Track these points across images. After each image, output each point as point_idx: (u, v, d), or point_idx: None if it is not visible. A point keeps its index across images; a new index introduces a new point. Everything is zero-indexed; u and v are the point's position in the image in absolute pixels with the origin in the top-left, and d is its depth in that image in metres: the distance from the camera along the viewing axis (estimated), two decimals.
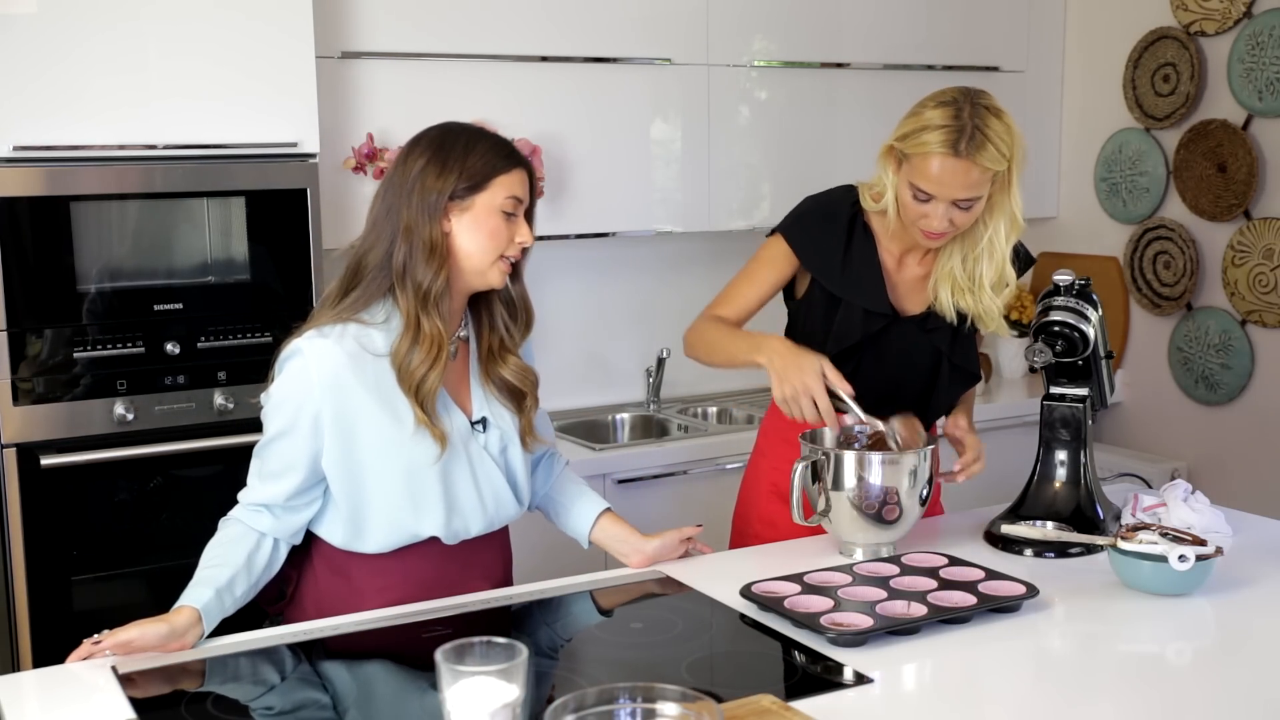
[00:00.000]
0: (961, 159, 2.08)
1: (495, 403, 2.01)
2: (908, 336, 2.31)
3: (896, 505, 2.10)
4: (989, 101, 2.14)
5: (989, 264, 2.22)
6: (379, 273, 1.90)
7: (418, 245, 1.88)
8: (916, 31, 3.89)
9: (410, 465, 1.90)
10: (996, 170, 2.11)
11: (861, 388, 2.18)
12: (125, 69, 2.68)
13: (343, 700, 1.67)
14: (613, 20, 3.45)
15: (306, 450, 1.89)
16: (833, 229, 2.29)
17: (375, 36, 3.14)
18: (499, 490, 2.00)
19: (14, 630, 2.70)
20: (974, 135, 2.08)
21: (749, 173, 3.70)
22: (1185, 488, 2.27)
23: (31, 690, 1.73)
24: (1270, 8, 3.56)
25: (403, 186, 1.90)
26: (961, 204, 2.12)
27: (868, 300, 2.27)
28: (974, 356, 2.37)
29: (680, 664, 1.74)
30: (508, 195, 1.90)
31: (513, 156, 1.93)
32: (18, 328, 2.63)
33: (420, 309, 1.88)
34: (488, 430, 1.99)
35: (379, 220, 1.92)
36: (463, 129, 1.95)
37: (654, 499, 3.31)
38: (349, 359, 1.87)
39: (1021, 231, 2.23)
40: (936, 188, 2.11)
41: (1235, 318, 3.73)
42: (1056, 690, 1.68)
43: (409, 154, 1.92)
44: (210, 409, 2.82)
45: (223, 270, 2.84)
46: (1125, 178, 4.01)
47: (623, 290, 3.85)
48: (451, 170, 1.88)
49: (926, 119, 2.12)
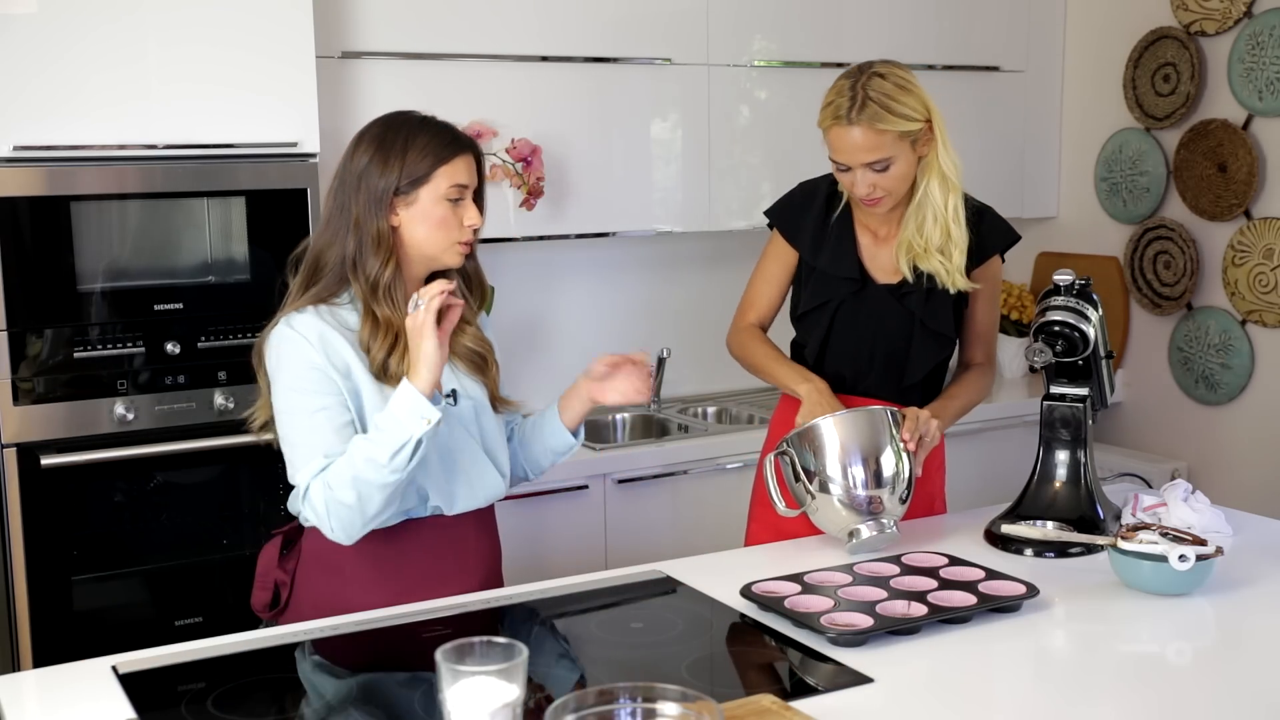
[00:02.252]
0: (850, 125, 2.23)
1: (462, 374, 2.06)
2: (880, 301, 2.40)
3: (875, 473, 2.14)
4: (885, 69, 2.27)
5: (934, 223, 2.32)
6: (336, 266, 1.98)
7: (366, 239, 1.95)
8: (916, 31, 3.89)
9: None
10: (891, 130, 2.22)
11: (836, 351, 2.42)
12: (125, 68, 2.68)
13: (343, 700, 1.67)
14: (613, 20, 3.45)
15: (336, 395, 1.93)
16: (812, 205, 2.45)
17: (375, 36, 3.14)
18: (478, 461, 2.04)
19: (14, 630, 2.70)
20: (864, 104, 2.22)
21: (749, 173, 3.70)
22: (1185, 488, 2.27)
23: (31, 690, 1.73)
24: (1270, 7, 3.56)
25: (350, 182, 1.97)
26: (875, 167, 2.25)
27: (839, 267, 2.40)
28: (948, 322, 2.40)
29: (680, 664, 1.74)
30: (451, 184, 1.97)
31: (454, 144, 1.98)
32: (18, 328, 2.63)
33: (372, 298, 1.95)
34: (459, 402, 2.02)
35: (332, 216, 2.00)
36: (403, 121, 1.99)
37: (654, 499, 3.31)
38: (330, 329, 1.95)
39: (957, 190, 2.32)
40: (842, 155, 2.27)
41: (1235, 317, 3.73)
42: (1056, 690, 1.68)
43: (354, 150, 1.99)
44: (210, 409, 2.82)
45: (223, 270, 2.84)
46: (1125, 178, 4.01)
47: (623, 290, 3.85)
48: (393, 167, 1.94)
49: (826, 97, 2.30)
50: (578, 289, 3.78)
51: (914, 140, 2.27)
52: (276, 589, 2.05)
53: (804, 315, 2.46)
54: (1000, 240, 2.43)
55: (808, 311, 2.44)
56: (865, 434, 2.17)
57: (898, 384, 2.41)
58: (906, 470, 2.18)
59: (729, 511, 3.13)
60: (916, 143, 2.27)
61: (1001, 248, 2.43)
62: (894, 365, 2.42)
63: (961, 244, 2.33)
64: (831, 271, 2.40)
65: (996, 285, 2.48)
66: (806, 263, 2.45)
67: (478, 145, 2.04)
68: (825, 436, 2.17)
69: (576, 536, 3.22)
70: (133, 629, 2.77)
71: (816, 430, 2.17)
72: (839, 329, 2.42)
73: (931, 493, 2.50)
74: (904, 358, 2.41)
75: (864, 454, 2.16)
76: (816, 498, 2.17)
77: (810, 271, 2.44)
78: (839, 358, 2.44)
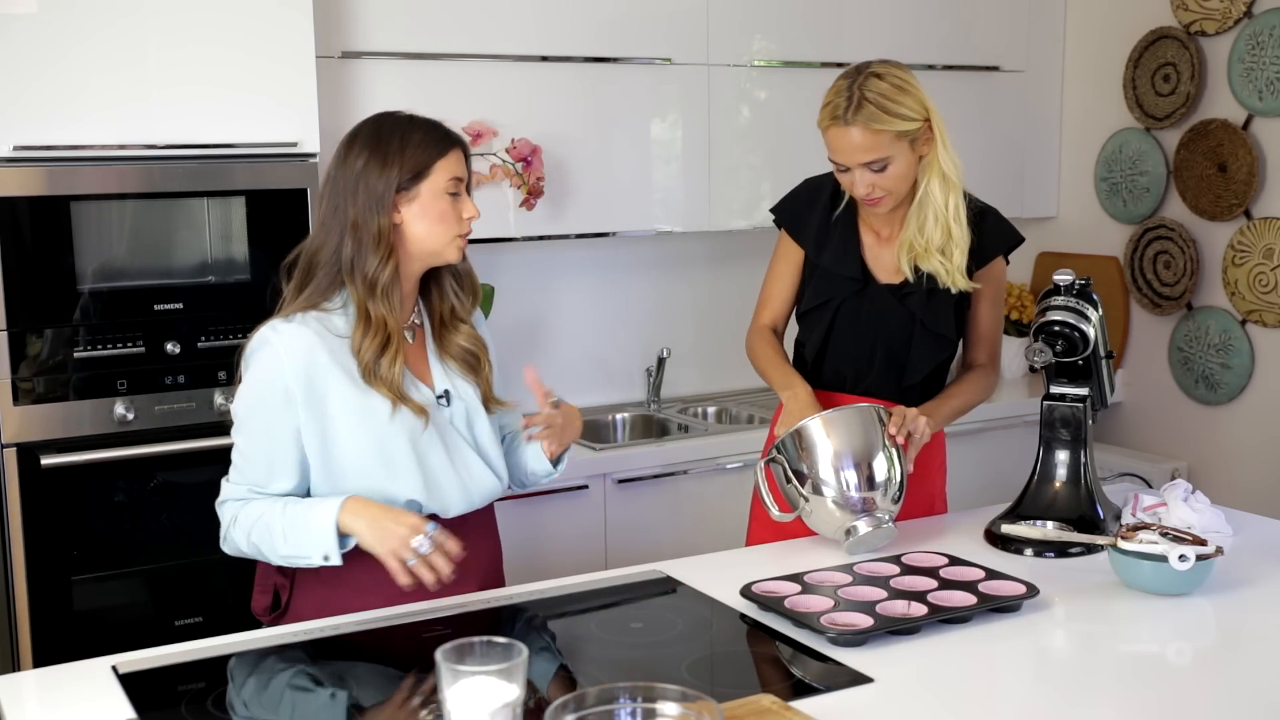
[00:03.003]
0: (847, 125, 2.24)
1: (455, 375, 2.07)
2: (881, 301, 2.40)
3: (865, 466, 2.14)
4: (883, 69, 2.27)
5: (935, 223, 2.32)
6: (330, 268, 1.98)
7: (366, 239, 1.95)
8: (917, 31, 3.89)
9: (381, 434, 1.95)
10: (888, 130, 2.22)
11: (838, 349, 2.43)
12: (125, 69, 2.68)
13: (343, 700, 1.67)
14: (613, 20, 3.45)
15: (289, 429, 1.93)
16: (817, 202, 2.46)
17: (375, 36, 3.14)
18: (471, 464, 2.04)
19: (14, 630, 2.70)
20: (861, 104, 2.23)
21: (749, 173, 3.70)
22: (1185, 488, 2.27)
23: (31, 690, 1.73)
24: (1270, 7, 3.56)
25: (346, 185, 1.97)
26: (873, 166, 2.26)
27: (841, 265, 2.40)
28: (949, 323, 2.39)
29: (680, 664, 1.74)
30: (450, 177, 1.98)
31: (448, 138, 2.01)
32: (18, 328, 2.63)
33: (369, 298, 1.95)
34: (452, 404, 2.03)
35: (326, 219, 1.99)
36: (394, 120, 2.01)
37: (654, 499, 3.31)
38: (317, 337, 1.94)
39: (957, 189, 2.32)
40: (840, 155, 2.28)
41: (1235, 317, 3.73)
42: (1056, 690, 1.68)
43: (348, 152, 1.99)
44: (210, 409, 2.82)
45: (223, 270, 2.84)
46: (1125, 177, 4.01)
47: (623, 290, 3.85)
48: (393, 164, 1.95)
49: (824, 98, 2.30)
50: (578, 289, 3.78)
51: (912, 140, 2.26)
52: (276, 592, 2.05)
53: (806, 313, 2.46)
54: (1003, 241, 2.42)
55: (809, 310, 2.45)
56: (855, 433, 2.17)
57: (898, 384, 2.41)
58: (898, 469, 2.18)
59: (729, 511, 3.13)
60: (915, 142, 2.27)
61: (1005, 249, 2.43)
62: (894, 365, 2.41)
63: (963, 243, 2.33)
64: (834, 270, 2.41)
65: (1000, 287, 2.47)
66: (810, 260, 2.46)
67: (465, 139, 2.06)
68: (814, 437, 2.17)
69: (576, 536, 3.22)
70: (133, 629, 2.77)
71: (806, 431, 2.18)
72: (840, 327, 2.42)
73: (932, 493, 2.50)
74: (904, 358, 2.41)
75: (854, 453, 2.16)
76: (810, 500, 2.17)
77: (814, 269, 2.45)
78: (840, 356, 2.44)
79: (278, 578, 2.04)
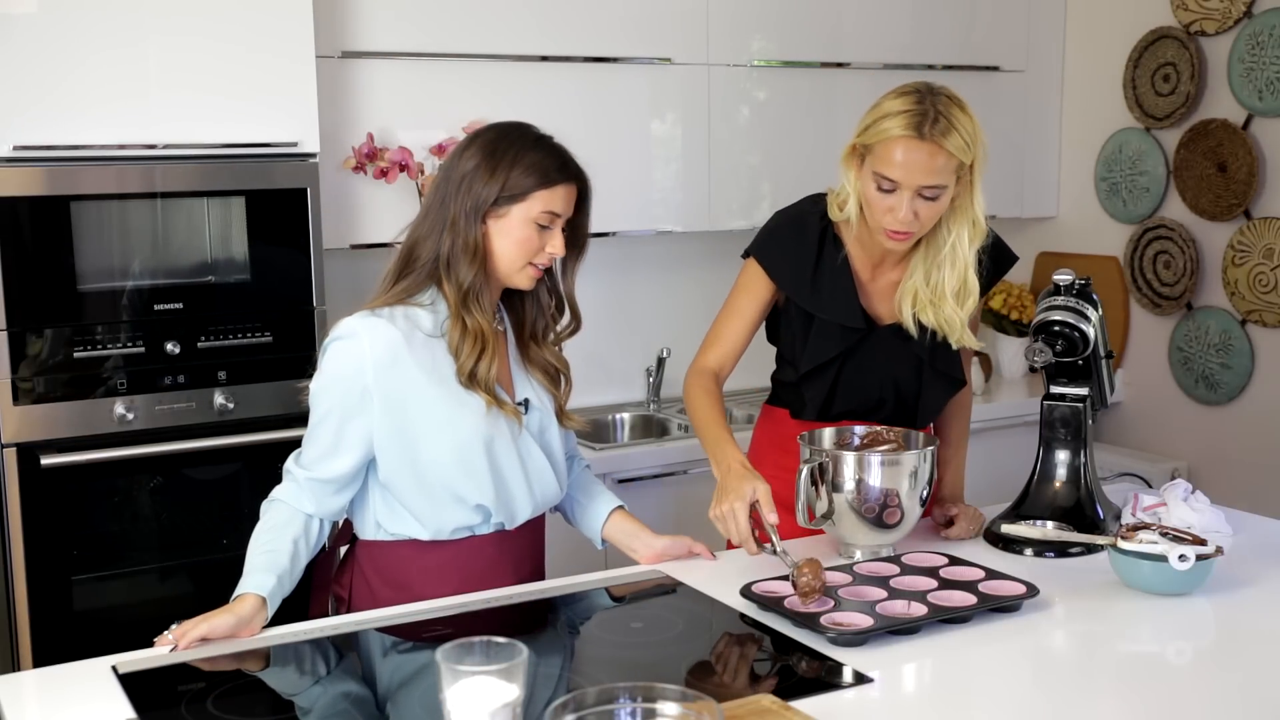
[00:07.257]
0: (926, 141, 2.06)
1: (536, 385, 2.09)
2: (886, 346, 2.29)
3: (898, 508, 2.09)
4: (951, 93, 2.15)
5: (951, 271, 2.19)
6: (429, 262, 1.98)
7: (460, 241, 1.95)
8: (916, 31, 3.89)
9: (460, 439, 1.95)
10: (961, 160, 2.10)
11: (846, 398, 2.29)
12: (125, 68, 2.68)
13: (342, 700, 1.67)
14: (613, 20, 3.45)
15: (360, 427, 1.94)
16: (803, 243, 2.27)
17: (375, 36, 3.14)
18: (542, 470, 2.06)
19: (14, 630, 2.70)
20: (937, 119, 2.07)
21: (749, 173, 3.70)
22: (1185, 487, 2.27)
23: (31, 690, 1.73)
24: (1270, 7, 3.56)
25: (454, 181, 1.97)
26: (926, 193, 2.09)
27: (841, 315, 2.25)
28: (956, 362, 2.33)
29: (680, 664, 1.74)
30: (544, 210, 1.96)
31: (562, 170, 1.98)
32: (18, 328, 2.63)
33: (462, 304, 1.96)
34: (529, 411, 2.05)
35: (432, 209, 1.99)
36: (519, 134, 1.99)
37: (654, 499, 3.31)
38: (403, 336, 1.93)
39: (985, 237, 2.21)
40: (901, 173, 2.08)
41: (1235, 317, 3.73)
42: (1056, 690, 1.67)
43: (465, 149, 1.99)
44: (210, 409, 2.82)
45: (223, 270, 2.84)
46: (1125, 177, 4.01)
47: (623, 290, 3.84)
48: (497, 179, 1.94)
49: (887, 108, 2.11)
50: (578, 289, 3.76)
51: (958, 175, 2.12)
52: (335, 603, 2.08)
53: (808, 375, 2.29)
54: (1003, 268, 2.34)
55: (812, 370, 2.28)
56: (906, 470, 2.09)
57: (910, 424, 2.31)
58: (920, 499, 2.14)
59: None
60: (959, 179, 2.13)
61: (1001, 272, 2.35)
62: (905, 408, 2.32)
63: (976, 295, 2.21)
64: (834, 320, 2.25)
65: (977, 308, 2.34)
66: (797, 306, 2.29)
67: (585, 176, 2.02)
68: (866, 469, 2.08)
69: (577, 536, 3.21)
70: (133, 629, 2.76)
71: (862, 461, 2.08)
72: (847, 377, 2.29)
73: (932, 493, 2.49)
74: (915, 400, 2.32)
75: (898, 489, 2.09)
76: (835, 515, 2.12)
77: (802, 315, 2.29)
78: (849, 401, 2.31)
79: (336, 588, 2.08)
